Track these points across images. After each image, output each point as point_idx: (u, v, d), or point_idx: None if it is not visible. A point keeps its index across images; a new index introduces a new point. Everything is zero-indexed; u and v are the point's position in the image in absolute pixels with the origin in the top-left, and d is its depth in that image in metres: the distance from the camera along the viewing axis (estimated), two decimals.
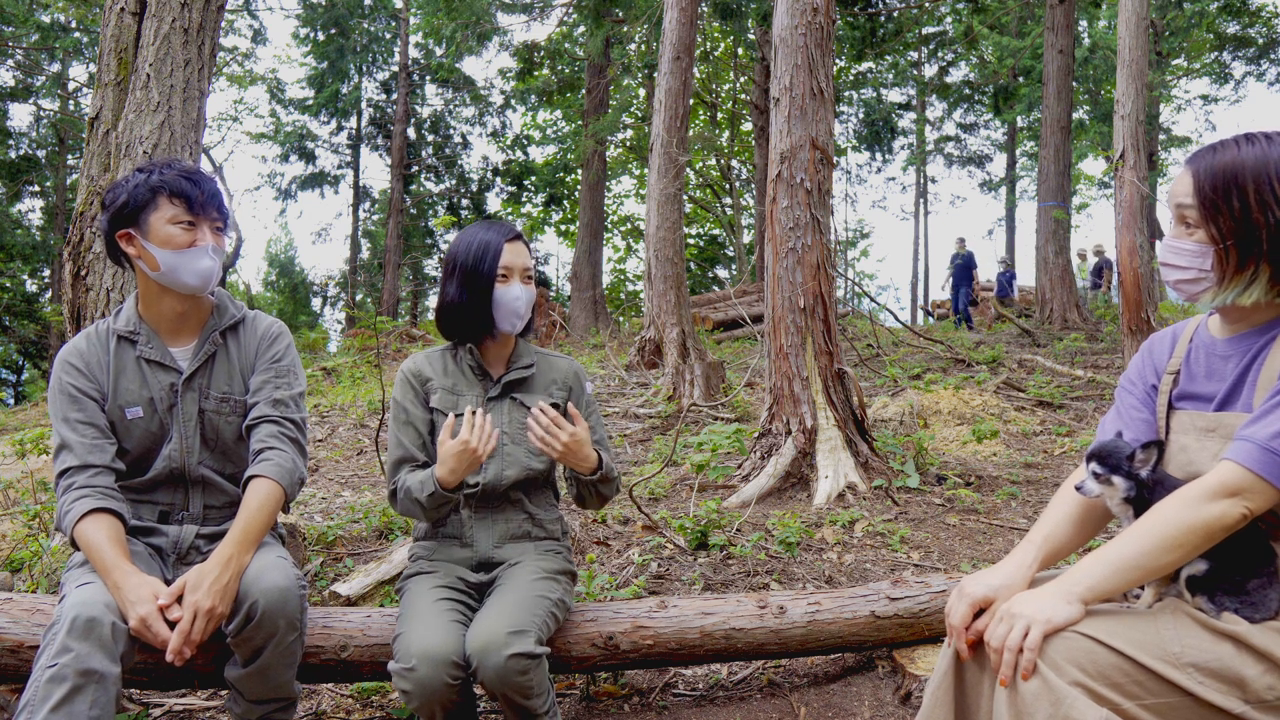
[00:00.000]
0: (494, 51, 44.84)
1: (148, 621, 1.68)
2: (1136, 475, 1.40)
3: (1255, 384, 1.37)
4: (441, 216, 24.06)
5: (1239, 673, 1.26)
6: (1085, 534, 1.55)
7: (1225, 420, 1.40)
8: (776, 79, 4.74)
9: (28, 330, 20.59)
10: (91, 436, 1.92)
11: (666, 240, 8.28)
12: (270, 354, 2.08)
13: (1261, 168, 1.33)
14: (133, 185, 1.95)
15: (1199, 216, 1.38)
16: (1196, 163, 1.40)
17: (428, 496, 1.99)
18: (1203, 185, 1.37)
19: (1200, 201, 1.37)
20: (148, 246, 1.93)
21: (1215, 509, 1.28)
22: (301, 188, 24.60)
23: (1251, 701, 1.25)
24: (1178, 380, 1.52)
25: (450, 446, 1.94)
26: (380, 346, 10.83)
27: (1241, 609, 1.31)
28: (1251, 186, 1.32)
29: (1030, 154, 25.97)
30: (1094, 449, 1.45)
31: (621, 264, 29.11)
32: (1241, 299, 1.37)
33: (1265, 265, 1.33)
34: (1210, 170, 1.37)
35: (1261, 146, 1.34)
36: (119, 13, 3.46)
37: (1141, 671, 1.26)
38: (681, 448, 5.43)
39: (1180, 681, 1.25)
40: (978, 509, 4.24)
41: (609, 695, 2.44)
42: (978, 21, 16.24)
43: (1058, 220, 13.07)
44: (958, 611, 1.42)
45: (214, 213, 1.98)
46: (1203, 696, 1.25)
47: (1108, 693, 1.24)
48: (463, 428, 1.95)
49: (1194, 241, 1.40)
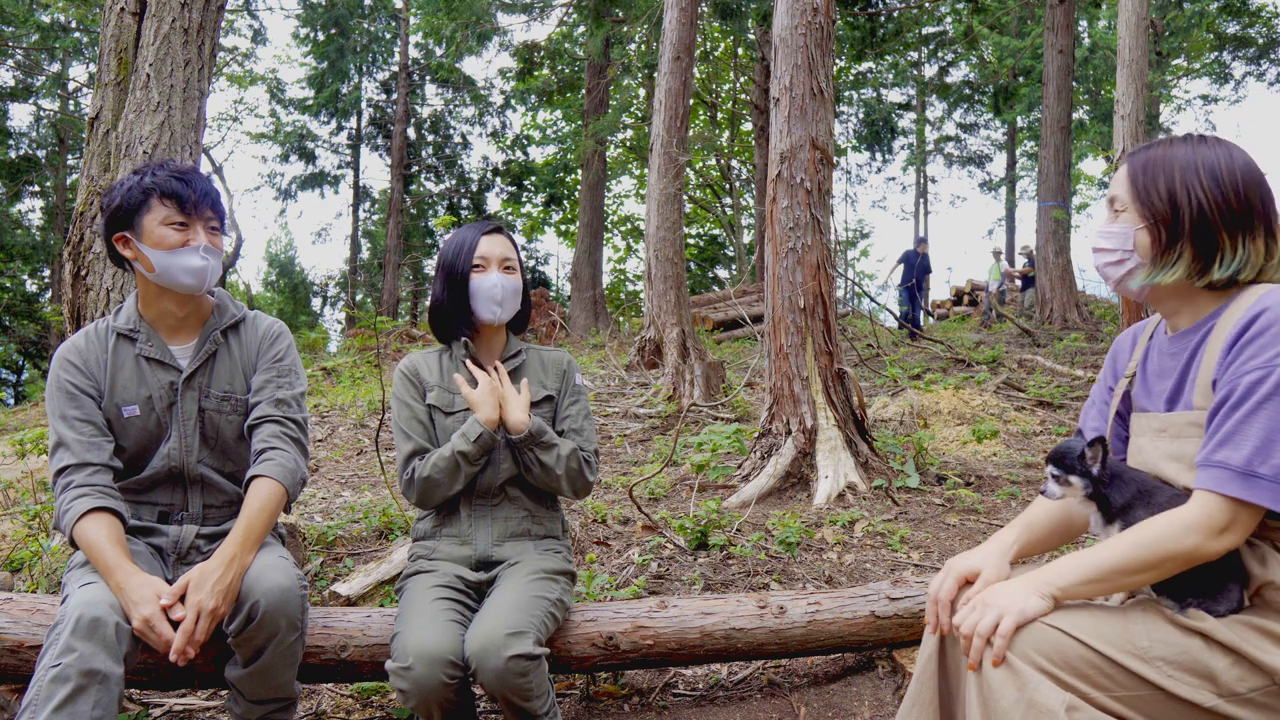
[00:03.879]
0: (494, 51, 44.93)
1: (151, 622, 1.68)
2: (1089, 473, 1.44)
3: (1195, 382, 1.39)
4: (441, 216, 24.00)
5: (1208, 666, 1.27)
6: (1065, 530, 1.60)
7: (1173, 420, 1.43)
8: (776, 79, 4.74)
9: (28, 330, 20.60)
10: (89, 434, 1.92)
11: (666, 240, 8.29)
12: (272, 353, 2.08)
13: (1189, 161, 1.41)
14: (126, 188, 1.94)
15: (1128, 198, 1.45)
16: (1133, 156, 1.49)
17: (474, 440, 2.07)
18: (1135, 172, 1.46)
19: (1130, 185, 1.45)
20: (142, 248, 1.93)
21: (1200, 543, 1.28)
22: (301, 188, 24.61)
23: (1224, 695, 1.27)
24: (1134, 382, 1.56)
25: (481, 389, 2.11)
26: (380, 346, 10.83)
27: (1205, 603, 1.32)
28: (1179, 175, 1.40)
29: (1030, 154, 25.98)
30: (1051, 453, 1.50)
31: (621, 264, 29.14)
32: (1165, 277, 1.41)
33: (1188, 246, 1.39)
34: (1143, 161, 1.46)
35: (1193, 145, 1.43)
36: (119, 13, 3.46)
37: (1110, 665, 1.28)
38: (681, 448, 5.43)
39: (1149, 676, 1.27)
40: (978, 509, 4.25)
41: (609, 695, 2.44)
42: (978, 21, 16.25)
43: (1058, 220, 13.07)
44: (945, 586, 1.48)
45: (208, 212, 1.97)
46: (1173, 690, 1.26)
47: (1075, 682, 1.27)
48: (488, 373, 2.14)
49: (1120, 224, 1.47)
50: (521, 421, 2.10)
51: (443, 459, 2.08)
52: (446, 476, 2.08)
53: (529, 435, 2.10)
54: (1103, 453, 1.43)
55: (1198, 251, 1.38)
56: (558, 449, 2.13)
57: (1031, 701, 1.23)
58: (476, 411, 2.09)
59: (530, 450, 2.12)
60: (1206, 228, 1.37)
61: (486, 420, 2.08)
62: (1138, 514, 1.39)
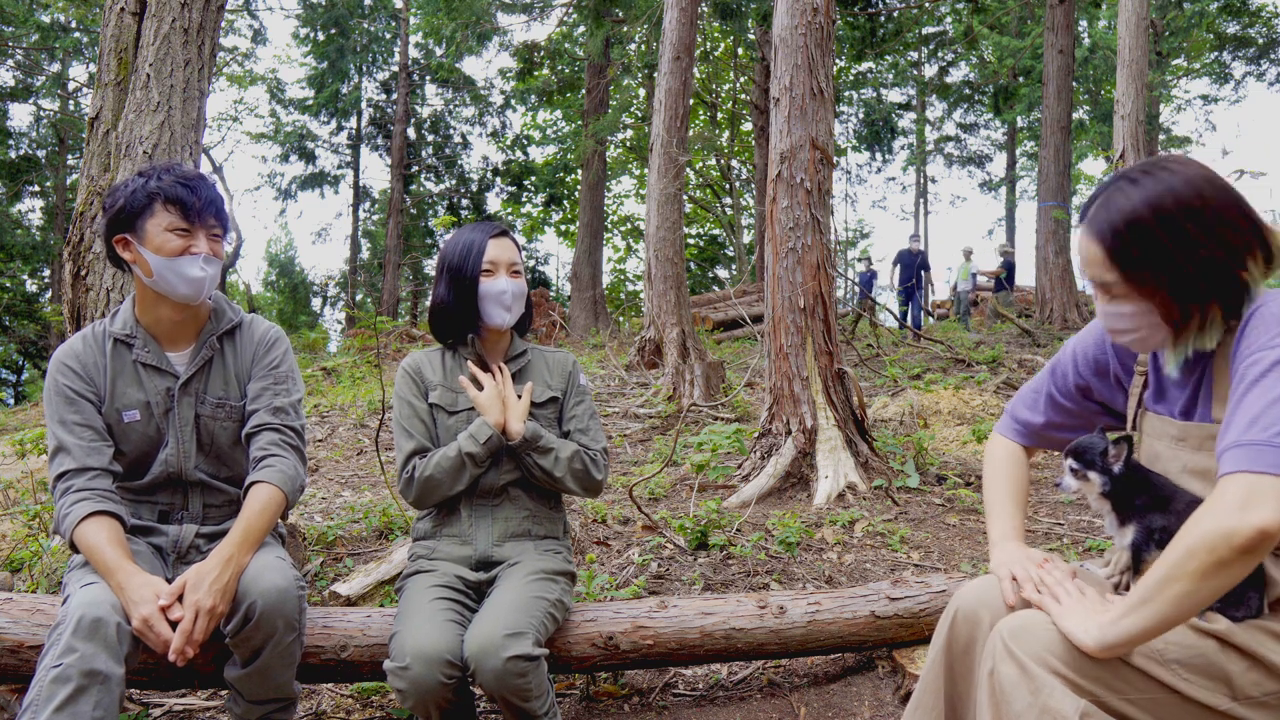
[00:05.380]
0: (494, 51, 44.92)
1: (150, 622, 1.68)
2: (1110, 470, 1.42)
3: (1210, 397, 1.35)
4: (441, 216, 24.00)
5: (1224, 669, 1.26)
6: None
7: (1191, 431, 1.39)
8: (776, 79, 4.74)
9: (28, 330, 20.60)
10: (89, 439, 1.91)
11: (666, 240, 8.29)
12: (268, 360, 2.08)
13: (1156, 204, 1.25)
14: (130, 190, 1.92)
15: (1120, 280, 1.30)
16: (1092, 226, 1.31)
17: (483, 442, 2.07)
18: (1111, 247, 1.29)
19: (1115, 265, 1.29)
20: (143, 252, 1.91)
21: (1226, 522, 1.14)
22: (301, 188, 24.61)
23: (1239, 698, 1.26)
24: (1147, 381, 1.52)
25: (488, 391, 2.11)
26: (380, 346, 10.83)
27: (1224, 608, 1.31)
28: (1157, 228, 1.25)
29: (1030, 154, 25.99)
30: (1071, 446, 1.47)
31: (621, 264, 29.15)
32: (1200, 343, 1.32)
33: (1214, 305, 1.28)
34: (1110, 228, 1.28)
35: (1146, 183, 1.27)
36: (119, 13, 3.46)
37: (1125, 667, 1.26)
38: (681, 448, 5.43)
39: (1164, 678, 1.26)
40: (978, 509, 4.24)
41: (609, 695, 2.44)
42: (978, 21, 16.25)
43: (1058, 220, 13.07)
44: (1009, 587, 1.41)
45: (211, 220, 1.95)
46: (1187, 693, 1.25)
47: (1089, 685, 1.25)
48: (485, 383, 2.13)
49: (1129, 305, 1.32)
50: (516, 430, 2.11)
51: (446, 459, 2.08)
52: (448, 476, 2.08)
53: (524, 441, 2.11)
54: (1127, 451, 1.41)
55: (1228, 303, 1.28)
56: (555, 452, 2.13)
57: (1045, 707, 1.22)
58: (485, 414, 2.10)
59: (528, 455, 2.13)
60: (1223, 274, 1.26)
61: (496, 423, 2.09)
62: (1154, 518, 1.37)
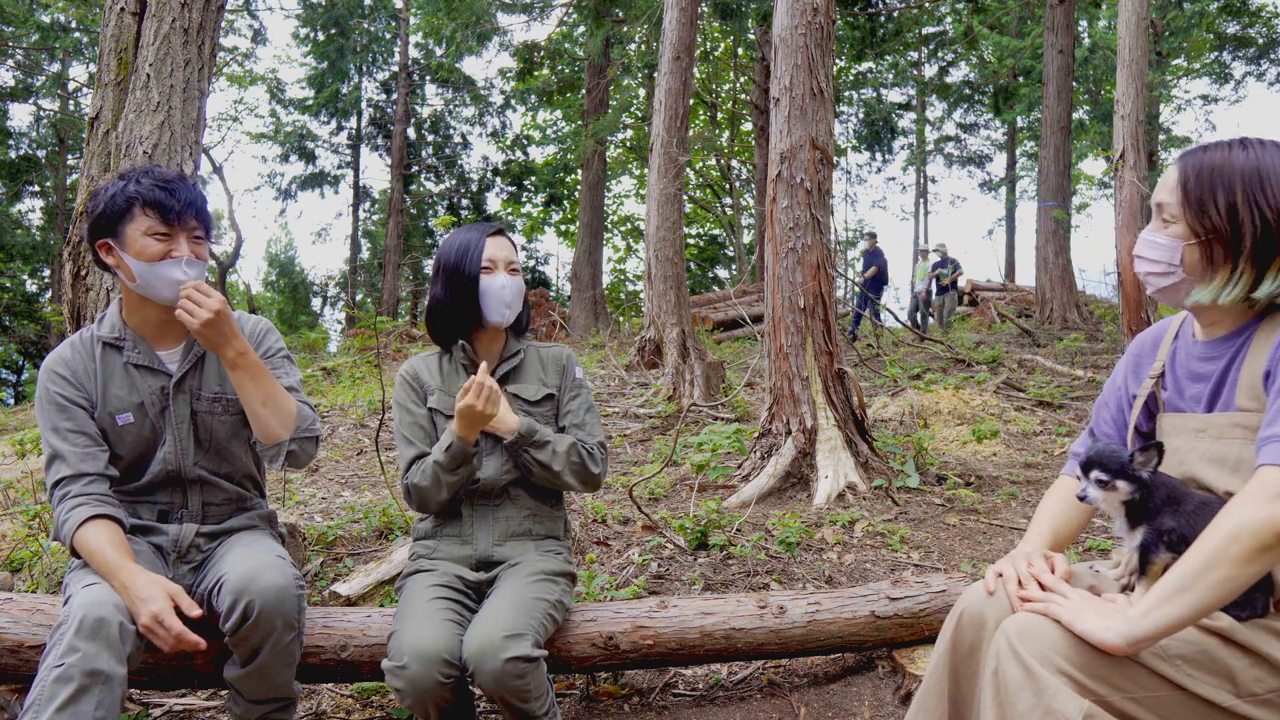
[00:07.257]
0: (494, 51, 44.87)
1: (160, 617, 1.67)
2: (1139, 477, 1.40)
3: (1236, 384, 1.37)
4: (441, 216, 23.97)
5: (1227, 665, 1.27)
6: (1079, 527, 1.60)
7: (1214, 421, 1.40)
8: (776, 79, 4.74)
9: (28, 330, 20.59)
10: (83, 445, 1.91)
11: (666, 240, 8.29)
12: (263, 350, 2.08)
13: (1253, 171, 1.32)
14: (109, 195, 1.90)
15: (1178, 210, 1.37)
16: (1185, 160, 1.40)
17: (445, 450, 2.03)
18: (1188, 180, 1.37)
19: (1184, 195, 1.37)
20: (124, 257, 1.89)
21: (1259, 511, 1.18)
22: (301, 188, 24.59)
23: (1242, 695, 1.26)
24: (1162, 384, 1.52)
25: (459, 408, 2.01)
26: (380, 346, 10.83)
27: (1229, 607, 1.30)
28: (1240, 186, 1.32)
29: (1030, 154, 25.96)
30: (1092, 456, 1.44)
31: (621, 264, 29.14)
32: (1222, 298, 1.36)
33: (1249, 267, 1.33)
34: (1198, 167, 1.36)
35: (1255, 152, 1.34)
36: (119, 13, 3.46)
37: (1132, 665, 1.26)
38: (681, 448, 5.43)
39: (1169, 674, 1.26)
40: (978, 509, 4.25)
41: (609, 695, 2.44)
42: (978, 21, 16.24)
43: (1058, 220, 13.07)
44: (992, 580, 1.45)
45: (191, 221, 1.93)
46: (1192, 689, 1.26)
47: (1093, 684, 1.25)
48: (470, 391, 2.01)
49: (1168, 235, 1.39)
50: (509, 428, 2.09)
51: (427, 468, 2.08)
52: (432, 484, 2.08)
53: (520, 437, 2.10)
54: (1157, 458, 1.39)
55: (1259, 272, 1.32)
56: (552, 445, 2.12)
57: (1049, 709, 1.22)
58: (456, 421, 2.04)
59: (525, 452, 2.11)
60: (1270, 246, 1.31)
61: (460, 435, 2.03)
62: (1165, 520, 1.37)
